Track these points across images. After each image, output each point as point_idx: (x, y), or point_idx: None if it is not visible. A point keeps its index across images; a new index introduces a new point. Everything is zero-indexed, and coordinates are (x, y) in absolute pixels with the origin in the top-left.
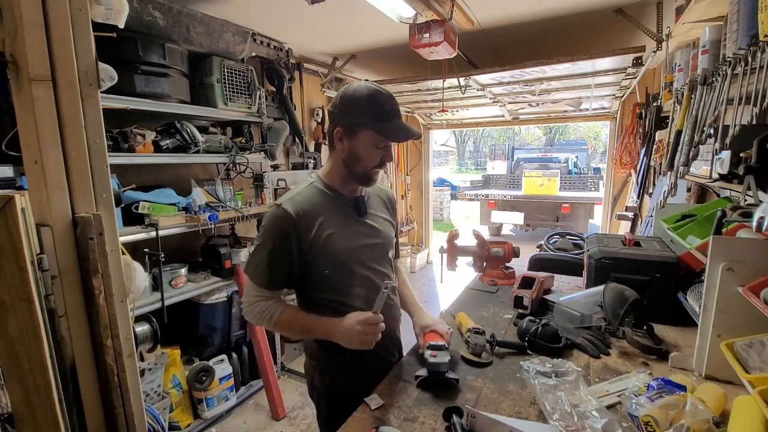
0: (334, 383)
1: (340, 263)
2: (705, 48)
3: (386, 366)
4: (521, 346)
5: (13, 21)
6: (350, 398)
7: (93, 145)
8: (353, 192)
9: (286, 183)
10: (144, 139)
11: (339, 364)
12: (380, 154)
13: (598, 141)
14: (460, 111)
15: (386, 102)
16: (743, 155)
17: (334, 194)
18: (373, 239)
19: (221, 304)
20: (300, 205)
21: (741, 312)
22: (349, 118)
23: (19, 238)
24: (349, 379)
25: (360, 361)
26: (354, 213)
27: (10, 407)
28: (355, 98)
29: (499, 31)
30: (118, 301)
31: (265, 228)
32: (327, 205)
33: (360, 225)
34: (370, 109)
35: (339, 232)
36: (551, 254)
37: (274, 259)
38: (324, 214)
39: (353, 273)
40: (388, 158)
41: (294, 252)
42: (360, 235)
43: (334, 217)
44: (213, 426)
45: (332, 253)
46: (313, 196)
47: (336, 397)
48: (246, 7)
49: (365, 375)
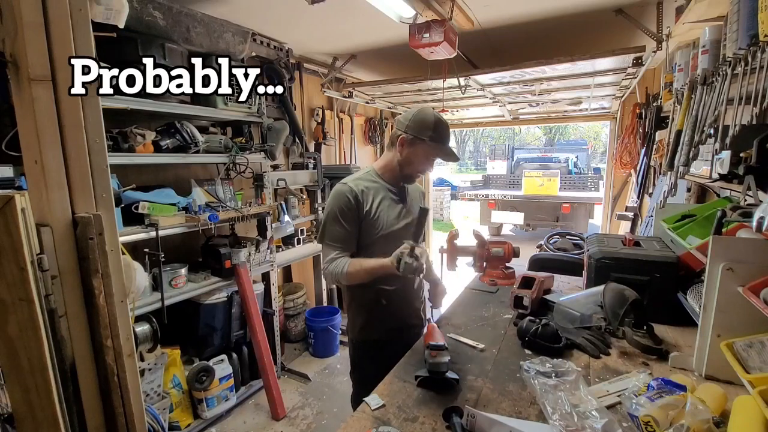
0: (362, 332)
1: (386, 233)
2: (705, 48)
3: (407, 327)
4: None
5: (13, 21)
6: (374, 345)
7: (93, 145)
8: (398, 184)
9: (286, 183)
10: (144, 139)
11: (363, 318)
12: (428, 165)
13: (598, 141)
14: (460, 111)
15: (444, 129)
16: (743, 155)
17: (384, 183)
18: (408, 220)
19: (221, 304)
20: (360, 184)
21: (741, 312)
22: (415, 132)
23: (19, 238)
24: (373, 331)
25: (380, 318)
26: (398, 199)
27: (10, 407)
28: (425, 118)
29: (499, 31)
30: (118, 301)
31: (332, 201)
32: (379, 189)
33: (401, 208)
34: (433, 131)
35: (387, 210)
36: (551, 254)
37: (343, 225)
38: (377, 195)
39: (393, 242)
40: (431, 168)
41: (356, 219)
42: (400, 216)
43: (384, 199)
44: (213, 426)
45: (381, 224)
46: (370, 180)
47: (363, 344)
48: (246, 7)
49: (386, 328)
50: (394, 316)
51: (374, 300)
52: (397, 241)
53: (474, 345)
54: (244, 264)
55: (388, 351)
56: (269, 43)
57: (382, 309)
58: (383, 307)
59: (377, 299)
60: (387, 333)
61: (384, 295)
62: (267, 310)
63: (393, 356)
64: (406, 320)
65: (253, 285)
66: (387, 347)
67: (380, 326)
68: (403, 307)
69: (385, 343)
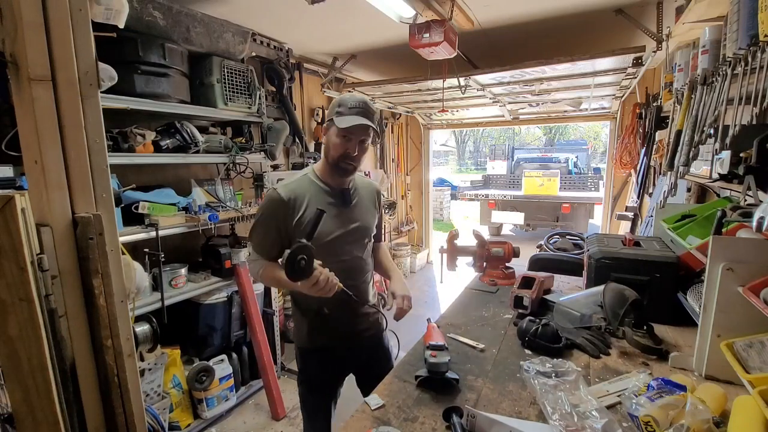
0: (301, 339)
1: (322, 243)
2: (705, 48)
3: (355, 333)
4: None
5: (13, 21)
6: (321, 349)
7: (93, 145)
8: (341, 185)
9: None
10: (144, 139)
11: (307, 324)
12: (343, 145)
13: (598, 141)
14: (460, 111)
15: (350, 101)
16: (743, 155)
17: (323, 185)
18: (353, 225)
19: (221, 304)
20: (292, 191)
21: (741, 312)
22: (328, 117)
23: (19, 238)
24: (318, 338)
25: (324, 325)
26: (339, 202)
27: (10, 407)
28: (335, 102)
29: (499, 31)
30: (118, 301)
31: (261, 206)
32: (315, 193)
33: (342, 212)
34: (338, 107)
35: (325, 218)
36: (551, 254)
37: (263, 231)
38: (311, 201)
39: (330, 251)
40: (350, 149)
41: (281, 227)
42: (341, 221)
43: (320, 204)
44: (213, 426)
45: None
46: (305, 184)
47: (309, 351)
48: (246, 7)
49: (331, 335)
50: (339, 323)
51: (315, 310)
52: (335, 249)
53: (474, 345)
54: (244, 264)
55: (335, 355)
56: (269, 43)
57: (324, 318)
58: (326, 316)
59: (319, 309)
60: (332, 340)
61: (325, 304)
62: (267, 310)
63: (342, 360)
64: (353, 327)
65: (253, 285)
66: (334, 352)
67: (325, 334)
68: (349, 315)
69: (332, 348)
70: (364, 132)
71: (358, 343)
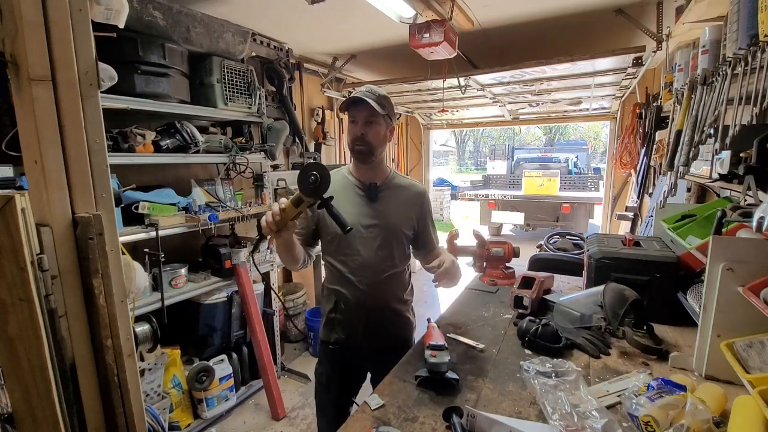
0: (321, 331)
1: (334, 232)
2: (705, 48)
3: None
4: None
5: (13, 21)
6: (330, 346)
7: (93, 145)
8: (370, 179)
9: (286, 183)
10: (144, 139)
11: (325, 316)
12: (352, 129)
13: (598, 141)
14: (460, 111)
15: (359, 90)
16: (743, 155)
17: (353, 179)
18: (373, 220)
19: (221, 304)
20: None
21: (741, 312)
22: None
23: (19, 238)
24: (327, 331)
25: (339, 320)
26: (365, 196)
27: (10, 407)
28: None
29: (499, 31)
30: (118, 301)
31: None
32: (345, 187)
33: (366, 207)
34: (350, 97)
35: (346, 207)
36: (551, 254)
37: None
38: (338, 193)
39: (349, 243)
40: (357, 131)
41: (309, 215)
42: (364, 215)
43: (347, 197)
44: (213, 426)
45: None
46: (337, 177)
47: (322, 344)
48: (246, 7)
49: (345, 331)
50: (355, 319)
51: (334, 304)
52: (354, 241)
53: (474, 345)
54: (244, 264)
55: (348, 352)
56: (269, 43)
57: (341, 312)
58: (342, 310)
59: (337, 302)
60: (346, 336)
61: (342, 299)
62: (267, 310)
63: (356, 359)
64: (370, 325)
65: (253, 285)
66: (348, 349)
67: (339, 328)
68: (366, 312)
69: (345, 345)
70: (367, 110)
71: (377, 343)
